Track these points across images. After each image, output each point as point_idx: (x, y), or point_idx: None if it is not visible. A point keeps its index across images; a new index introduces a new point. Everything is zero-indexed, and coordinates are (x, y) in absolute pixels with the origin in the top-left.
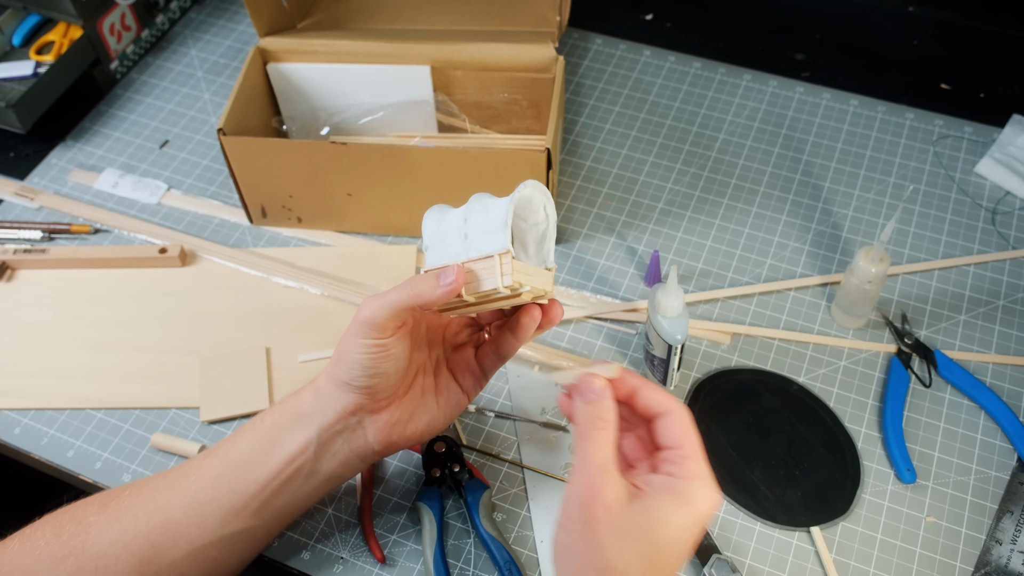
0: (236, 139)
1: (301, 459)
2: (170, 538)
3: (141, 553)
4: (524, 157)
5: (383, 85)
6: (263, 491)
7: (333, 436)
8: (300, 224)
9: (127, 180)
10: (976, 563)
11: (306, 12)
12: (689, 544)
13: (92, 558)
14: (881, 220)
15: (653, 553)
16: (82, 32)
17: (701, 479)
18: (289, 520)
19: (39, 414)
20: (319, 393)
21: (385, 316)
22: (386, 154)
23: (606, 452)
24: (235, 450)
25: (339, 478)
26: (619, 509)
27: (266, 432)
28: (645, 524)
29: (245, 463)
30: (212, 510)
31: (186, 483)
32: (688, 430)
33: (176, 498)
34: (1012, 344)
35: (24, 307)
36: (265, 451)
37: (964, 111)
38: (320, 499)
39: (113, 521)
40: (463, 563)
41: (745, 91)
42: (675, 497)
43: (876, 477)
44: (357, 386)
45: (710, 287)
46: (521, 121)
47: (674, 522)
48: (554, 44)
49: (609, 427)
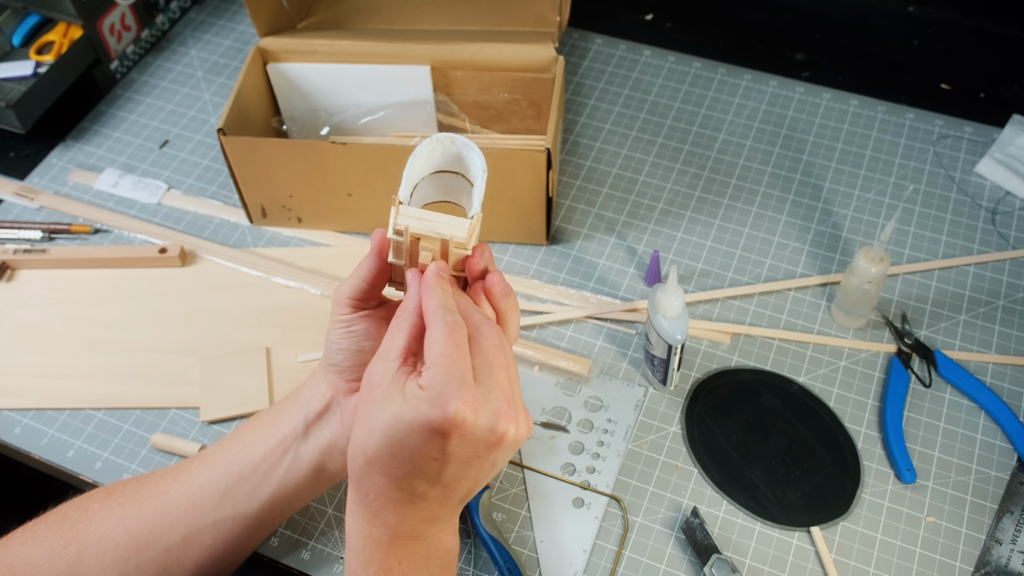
0: (236, 139)
1: (290, 441)
2: (168, 521)
3: (140, 537)
4: (524, 157)
5: (383, 85)
6: (255, 473)
7: (317, 419)
8: (300, 224)
9: (127, 180)
10: (976, 563)
11: (306, 12)
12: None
13: (93, 544)
14: (881, 220)
15: (383, 440)
16: (82, 32)
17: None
18: (281, 513)
19: (39, 414)
20: (313, 378)
21: (345, 293)
22: (386, 154)
23: (391, 342)
24: (238, 435)
25: (322, 470)
26: (376, 393)
27: (267, 416)
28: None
29: (243, 446)
30: (209, 492)
31: (189, 468)
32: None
33: (179, 482)
34: (1012, 344)
35: (24, 307)
36: (263, 435)
37: (964, 111)
38: (310, 497)
39: (116, 507)
40: (463, 563)
41: (745, 91)
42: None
43: (876, 477)
44: (330, 363)
45: (710, 287)
46: (521, 121)
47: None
48: (554, 44)
49: (402, 322)
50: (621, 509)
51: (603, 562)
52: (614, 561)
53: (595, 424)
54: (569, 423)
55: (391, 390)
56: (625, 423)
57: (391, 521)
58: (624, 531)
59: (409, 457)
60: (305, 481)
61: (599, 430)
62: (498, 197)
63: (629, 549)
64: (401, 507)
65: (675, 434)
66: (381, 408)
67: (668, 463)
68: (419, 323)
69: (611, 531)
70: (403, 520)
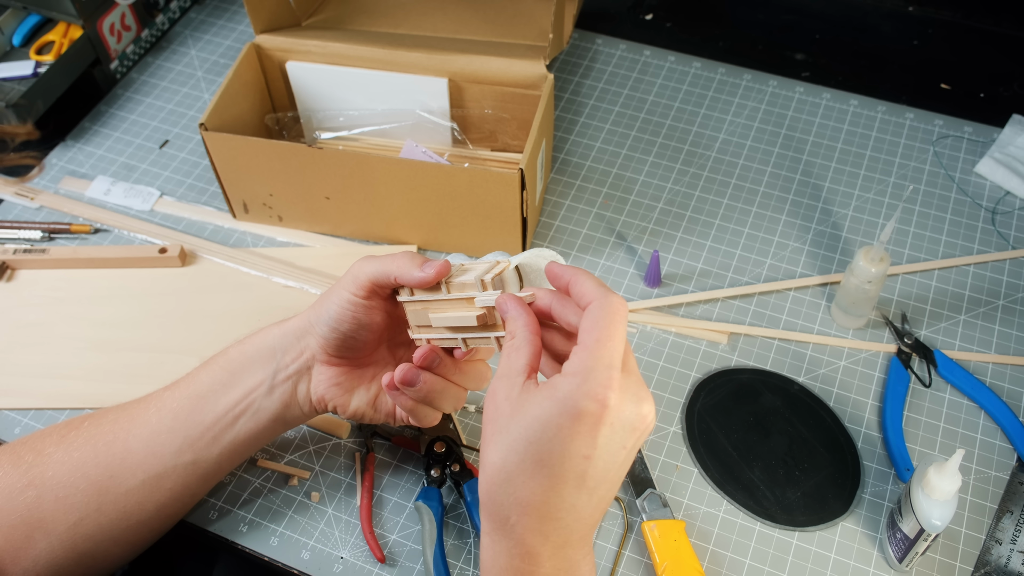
0: (217, 135)
1: (254, 394)
2: (127, 467)
3: (99, 482)
4: (497, 177)
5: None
6: (217, 423)
7: (286, 377)
8: (281, 223)
9: (119, 187)
10: (976, 563)
11: (313, 10)
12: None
13: (51, 488)
14: (881, 220)
15: (526, 449)
16: (82, 32)
17: (575, 374)
18: (239, 457)
19: (39, 414)
20: (286, 333)
21: (366, 275)
22: (361, 162)
23: (510, 362)
24: (196, 382)
25: (281, 420)
26: (505, 407)
27: (228, 364)
28: (517, 418)
29: (204, 395)
30: (168, 440)
31: (146, 415)
32: (595, 322)
33: (136, 429)
34: (1012, 344)
35: (24, 307)
36: (225, 383)
37: (964, 111)
38: (268, 440)
39: (72, 451)
40: (463, 563)
41: (745, 91)
42: (545, 390)
43: (876, 477)
44: (318, 333)
45: (710, 287)
46: (513, 138)
47: (540, 416)
48: (545, 61)
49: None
50: (621, 509)
51: (603, 562)
52: (614, 561)
53: None
54: None
55: (525, 397)
56: None
57: (535, 545)
58: (624, 531)
59: (559, 458)
60: (264, 430)
61: None
62: (472, 214)
63: (629, 549)
64: (546, 526)
65: (675, 434)
66: (519, 417)
67: (668, 463)
68: (538, 342)
69: (611, 531)
70: (546, 542)
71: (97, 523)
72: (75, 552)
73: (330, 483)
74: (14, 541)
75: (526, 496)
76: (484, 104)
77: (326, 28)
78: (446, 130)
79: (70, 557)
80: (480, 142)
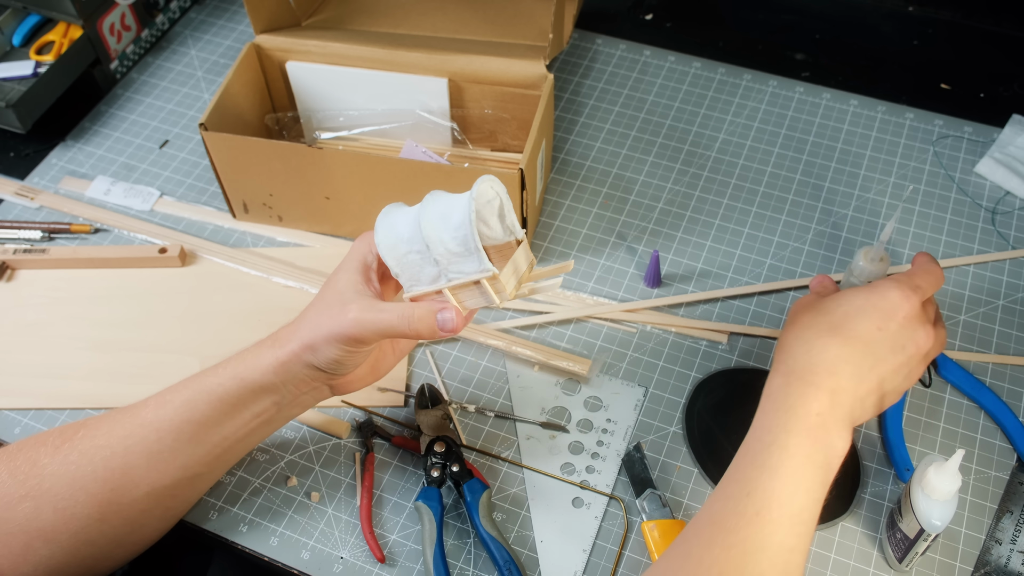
0: (217, 135)
1: (266, 415)
2: (129, 481)
3: (100, 495)
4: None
5: (404, 95)
6: (225, 441)
7: (293, 399)
8: (281, 223)
9: (119, 187)
10: (976, 563)
11: (313, 10)
12: (871, 322)
13: (50, 500)
14: (881, 220)
15: (826, 320)
16: (82, 32)
17: (897, 280)
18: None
19: (39, 414)
20: (286, 368)
21: (372, 334)
22: (361, 162)
23: None
24: (195, 410)
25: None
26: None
27: (226, 397)
28: (829, 301)
29: (206, 422)
30: (171, 458)
31: (143, 432)
32: (927, 259)
33: (137, 447)
34: (1012, 344)
35: (24, 307)
36: (228, 413)
37: (964, 111)
38: None
39: (68, 464)
40: (463, 563)
41: (745, 91)
42: (866, 287)
43: (876, 477)
44: (328, 372)
45: (710, 287)
46: (513, 138)
47: (853, 302)
48: (545, 61)
49: None
50: (621, 509)
51: (603, 562)
52: (614, 561)
53: (595, 424)
54: (569, 423)
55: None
56: (625, 423)
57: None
58: (624, 531)
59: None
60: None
61: (599, 430)
62: None
63: (629, 549)
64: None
65: (675, 434)
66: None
67: (668, 463)
68: None
69: (611, 531)
70: (835, 397)
71: (100, 531)
72: (77, 557)
73: (330, 483)
74: (13, 549)
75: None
76: (484, 104)
77: (326, 28)
78: (446, 130)
79: (71, 562)
80: (480, 142)
